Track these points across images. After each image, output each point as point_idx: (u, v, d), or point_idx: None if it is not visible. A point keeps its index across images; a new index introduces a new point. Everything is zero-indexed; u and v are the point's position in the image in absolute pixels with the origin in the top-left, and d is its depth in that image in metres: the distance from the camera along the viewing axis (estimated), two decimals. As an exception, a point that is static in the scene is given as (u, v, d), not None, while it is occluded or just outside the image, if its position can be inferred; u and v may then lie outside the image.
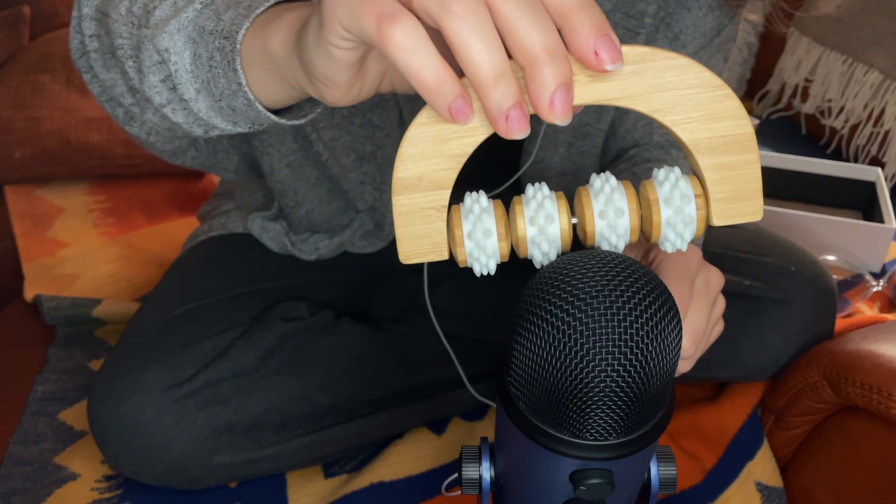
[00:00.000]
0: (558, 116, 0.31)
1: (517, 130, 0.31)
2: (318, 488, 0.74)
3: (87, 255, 1.03)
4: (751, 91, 1.64)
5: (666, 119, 0.34)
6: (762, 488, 0.75)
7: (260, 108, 0.43)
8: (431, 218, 0.35)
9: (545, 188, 0.36)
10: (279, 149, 0.70)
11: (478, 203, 0.36)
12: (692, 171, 0.37)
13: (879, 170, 1.19)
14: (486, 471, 0.45)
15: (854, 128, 1.40)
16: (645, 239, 0.37)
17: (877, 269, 1.10)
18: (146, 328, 0.73)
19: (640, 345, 0.33)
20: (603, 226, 0.36)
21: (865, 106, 1.37)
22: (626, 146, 0.74)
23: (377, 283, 0.84)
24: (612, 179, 0.36)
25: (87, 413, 0.68)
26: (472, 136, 0.34)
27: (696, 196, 0.35)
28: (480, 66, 0.30)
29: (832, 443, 0.73)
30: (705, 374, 0.79)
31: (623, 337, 0.33)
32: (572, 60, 0.32)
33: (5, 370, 0.84)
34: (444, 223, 0.35)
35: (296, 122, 0.45)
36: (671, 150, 0.72)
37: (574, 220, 0.37)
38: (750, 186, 0.35)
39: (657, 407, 0.38)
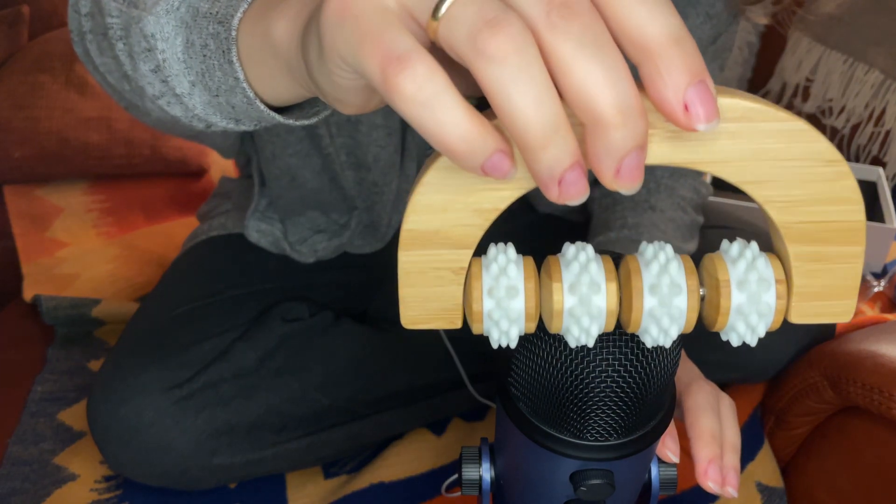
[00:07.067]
0: (625, 187, 0.23)
1: (574, 195, 0.23)
2: (318, 489, 0.74)
3: (86, 255, 1.03)
4: (751, 91, 1.64)
5: (759, 194, 0.27)
6: (763, 489, 0.74)
7: (262, 107, 0.37)
8: (445, 280, 0.28)
9: (590, 250, 0.28)
10: (286, 138, 0.69)
11: (505, 275, 0.28)
12: (773, 249, 0.29)
13: (881, 169, 1.19)
14: (486, 471, 0.45)
15: (855, 127, 1.40)
16: (707, 326, 0.29)
17: (878, 269, 1.09)
18: (146, 328, 0.73)
19: (641, 346, 0.33)
20: (654, 304, 0.28)
21: (866, 106, 1.37)
22: None
23: (377, 284, 0.83)
24: (669, 249, 0.28)
25: (87, 413, 0.68)
26: (508, 189, 0.26)
27: (777, 282, 0.28)
28: (527, 127, 0.22)
29: (833, 443, 0.73)
30: (705, 375, 0.78)
31: (623, 338, 0.33)
32: (648, 107, 0.24)
33: (5, 370, 0.84)
34: (461, 287, 0.28)
35: (305, 122, 0.39)
36: (659, 192, 0.74)
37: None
38: (844, 283, 0.28)
39: (657, 408, 0.38)
